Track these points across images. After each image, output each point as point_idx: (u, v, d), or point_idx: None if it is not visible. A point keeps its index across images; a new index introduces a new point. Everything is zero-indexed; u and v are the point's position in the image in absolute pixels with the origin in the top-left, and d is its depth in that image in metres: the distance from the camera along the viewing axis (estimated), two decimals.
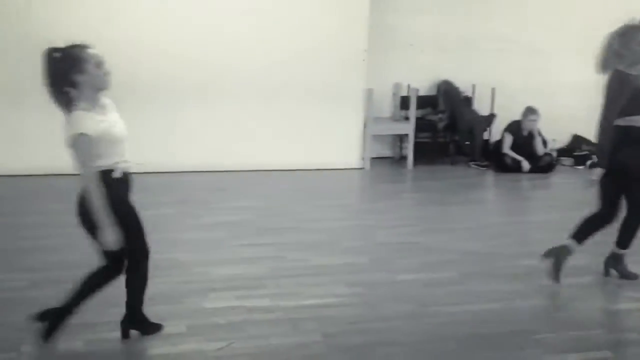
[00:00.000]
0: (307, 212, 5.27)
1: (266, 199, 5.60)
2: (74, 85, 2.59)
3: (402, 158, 7.11)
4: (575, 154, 7.25)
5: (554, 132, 7.28)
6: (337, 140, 6.63)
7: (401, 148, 7.23)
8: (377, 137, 7.04)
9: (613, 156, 3.66)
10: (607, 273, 3.96)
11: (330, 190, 6.04)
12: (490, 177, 6.80)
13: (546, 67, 7.40)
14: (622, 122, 3.68)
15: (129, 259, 2.86)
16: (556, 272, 3.80)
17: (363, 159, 6.74)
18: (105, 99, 2.74)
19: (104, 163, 2.64)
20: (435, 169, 6.95)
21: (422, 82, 7.08)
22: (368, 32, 6.48)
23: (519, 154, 6.78)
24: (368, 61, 6.58)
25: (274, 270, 3.95)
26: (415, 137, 6.86)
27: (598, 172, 3.71)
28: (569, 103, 7.51)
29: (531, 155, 6.79)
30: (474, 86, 7.17)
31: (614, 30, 3.65)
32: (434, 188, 6.23)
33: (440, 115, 6.97)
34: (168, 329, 3.07)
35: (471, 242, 4.59)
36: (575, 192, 6.31)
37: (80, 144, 2.55)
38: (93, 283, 2.85)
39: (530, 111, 6.75)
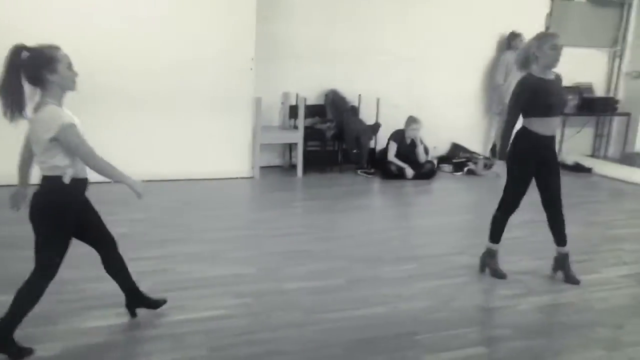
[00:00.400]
0: (196, 223, 5.15)
1: (155, 210, 5.41)
2: (43, 84, 2.66)
3: (292, 166, 7.17)
4: (454, 161, 7.67)
5: (435, 140, 7.67)
6: (226, 149, 6.56)
7: (291, 157, 7.29)
8: (267, 146, 7.05)
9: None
10: (555, 270, 4.30)
11: (220, 200, 5.96)
12: (376, 184, 7.02)
13: (427, 79, 7.78)
14: (524, 123, 3.97)
15: (37, 265, 2.82)
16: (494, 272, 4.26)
17: (253, 167, 6.72)
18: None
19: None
20: (324, 177, 7.07)
21: (311, 92, 7.19)
22: (256, 41, 6.48)
23: (402, 161, 7.06)
24: (257, 70, 6.58)
25: (159, 284, 3.81)
26: (304, 145, 6.94)
27: (498, 163, 4.03)
28: (448, 113, 7.96)
29: (414, 163, 7.09)
30: (360, 96, 7.38)
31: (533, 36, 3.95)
32: (323, 196, 6.33)
33: (328, 124, 7.10)
34: (40, 352, 2.87)
35: (358, 249, 4.70)
36: (454, 197, 6.69)
37: (73, 132, 2.68)
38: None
39: (412, 120, 7.05)
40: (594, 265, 4.58)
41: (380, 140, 7.41)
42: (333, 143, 7.29)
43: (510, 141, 3.99)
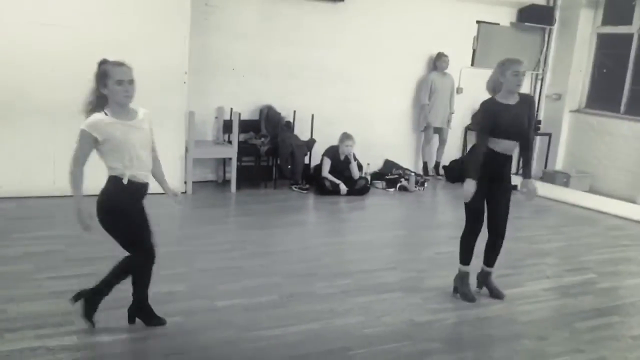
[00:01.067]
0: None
1: (76, 227, 5.19)
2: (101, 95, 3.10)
3: (226, 182, 7.09)
4: (387, 177, 7.79)
5: (368, 157, 7.78)
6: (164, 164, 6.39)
7: (224, 172, 7.20)
8: (200, 161, 6.94)
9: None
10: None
11: (150, 216, 5.77)
12: (310, 199, 7.04)
13: (361, 96, 7.90)
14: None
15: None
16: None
17: (185, 183, 6.58)
18: (140, 110, 3.25)
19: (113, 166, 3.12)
20: (259, 193, 7.02)
21: (245, 106, 7.15)
22: (190, 54, 6.39)
23: (336, 177, 7.11)
24: (190, 84, 6.47)
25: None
26: (239, 160, 6.87)
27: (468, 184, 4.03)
28: (381, 130, 8.12)
29: (348, 179, 7.16)
30: (294, 112, 7.40)
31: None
32: (257, 211, 6.28)
33: (262, 140, 7.08)
34: None
35: (292, 264, 4.68)
36: (387, 213, 6.80)
37: (80, 138, 3.04)
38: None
39: (346, 137, 7.13)
40: (519, 279, 4.75)
41: (315, 156, 7.45)
42: (267, 158, 7.26)
43: (468, 158, 4.17)
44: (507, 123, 3.95)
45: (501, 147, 4.04)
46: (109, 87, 3.05)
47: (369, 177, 7.64)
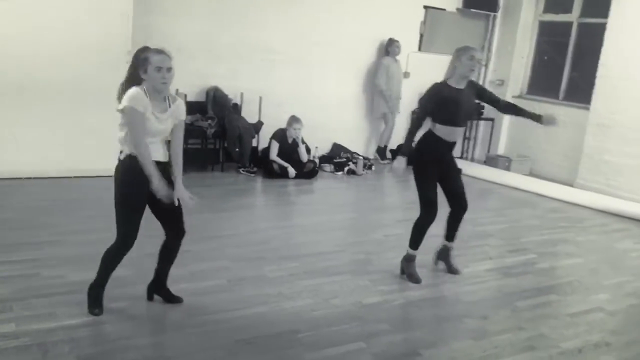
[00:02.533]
0: (69, 224, 4.83)
1: (23, 210, 5.01)
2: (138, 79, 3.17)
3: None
4: (335, 160, 7.82)
5: (317, 140, 7.78)
6: (102, 146, 6.18)
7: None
8: None
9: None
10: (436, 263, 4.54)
11: (97, 199, 5.59)
12: (259, 183, 6.99)
13: (311, 80, 7.87)
14: (431, 126, 4.17)
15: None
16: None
17: None
18: (173, 102, 3.33)
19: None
20: (205, 176, 6.91)
21: (191, 88, 7.00)
22: (133, 33, 6.18)
23: (285, 160, 7.08)
24: None
25: (24, 290, 3.53)
26: (184, 143, 6.68)
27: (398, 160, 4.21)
28: (330, 113, 8.12)
29: (296, 162, 7.14)
30: (242, 94, 7.31)
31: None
32: (204, 195, 6.15)
33: (209, 122, 6.95)
34: None
35: (240, 248, 4.64)
36: (335, 196, 6.83)
37: (128, 116, 3.11)
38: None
39: (294, 120, 7.09)
40: (463, 260, 4.86)
41: (263, 139, 7.39)
42: (214, 141, 7.15)
43: (415, 143, 4.20)
44: (455, 107, 4.02)
45: (448, 133, 4.11)
46: (149, 73, 3.12)
47: (317, 161, 7.64)
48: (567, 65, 8.61)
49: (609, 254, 5.40)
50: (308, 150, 7.45)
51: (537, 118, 4.27)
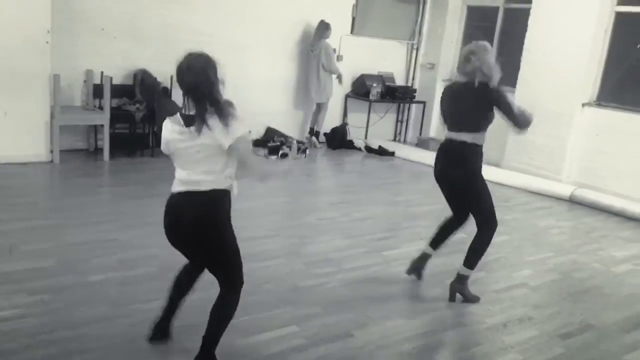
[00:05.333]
0: None
1: None
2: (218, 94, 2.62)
3: (98, 150, 6.67)
4: (269, 144, 7.74)
5: (250, 124, 7.65)
6: (19, 130, 5.89)
7: (96, 140, 6.78)
8: (68, 128, 6.46)
9: (454, 168, 3.77)
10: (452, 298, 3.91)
11: (12, 187, 5.33)
12: None
13: (242, 63, 7.72)
14: (468, 138, 3.69)
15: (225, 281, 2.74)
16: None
17: (52, 151, 6.12)
18: None
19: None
20: (134, 162, 6.69)
21: (117, 70, 6.73)
22: (52, 11, 5.87)
23: None
24: (55, 45, 5.98)
25: None
26: (112, 127, 6.49)
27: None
28: (263, 97, 8.02)
29: None
30: (172, 77, 7.08)
31: (478, 44, 3.71)
32: (132, 181, 5.99)
33: (137, 106, 6.72)
34: None
35: None
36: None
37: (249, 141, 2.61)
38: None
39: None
40: (396, 241, 4.95)
41: None
42: (143, 125, 6.92)
43: (458, 155, 3.76)
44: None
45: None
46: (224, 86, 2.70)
47: None
48: (494, 49, 8.81)
49: (532, 232, 5.63)
50: None
51: None
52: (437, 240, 4.10)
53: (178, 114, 2.60)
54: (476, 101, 3.63)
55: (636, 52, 7.41)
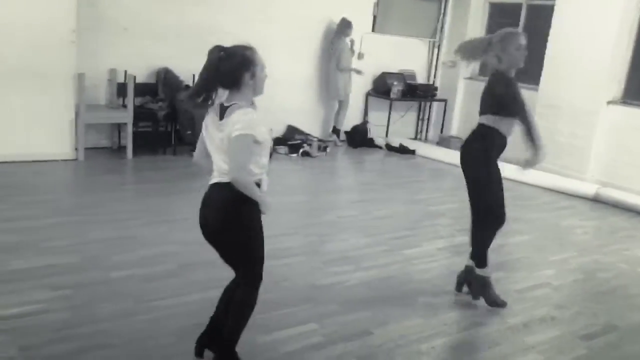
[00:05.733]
0: (6, 211, 4.64)
1: None
2: (238, 85, 2.54)
3: (121, 148, 6.75)
4: (290, 143, 7.77)
5: (271, 122, 7.69)
6: (45, 129, 5.99)
7: (120, 138, 6.86)
8: (93, 126, 6.55)
9: (466, 145, 3.73)
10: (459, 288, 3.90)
11: (37, 185, 5.42)
12: None
13: (264, 61, 7.74)
14: (487, 120, 3.60)
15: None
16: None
17: (76, 149, 6.21)
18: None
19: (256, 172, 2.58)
20: (157, 159, 6.76)
21: (140, 69, 6.81)
22: (78, 11, 5.96)
23: None
24: (79, 44, 6.07)
25: None
26: (135, 126, 6.57)
27: None
28: (284, 95, 8.01)
29: None
30: (194, 76, 7.13)
31: (493, 34, 3.64)
32: (155, 179, 6.05)
33: (160, 104, 6.79)
34: None
35: (191, 233, 4.45)
36: (289, 179, 6.78)
37: (248, 144, 2.46)
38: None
39: None
40: (416, 240, 4.92)
41: None
42: (165, 124, 6.99)
43: (469, 140, 3.72)
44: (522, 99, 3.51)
45: (510, 128, 3.60)
46: (258, 75, 2.58)
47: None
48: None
49: (555, 231, 5.55)
50: None
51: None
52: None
53: (219, 104, 2.60)
54: (489, 85, 3.62)
55: None
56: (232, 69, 2.54)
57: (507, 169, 3.80)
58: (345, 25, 8.05)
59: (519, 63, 3.57)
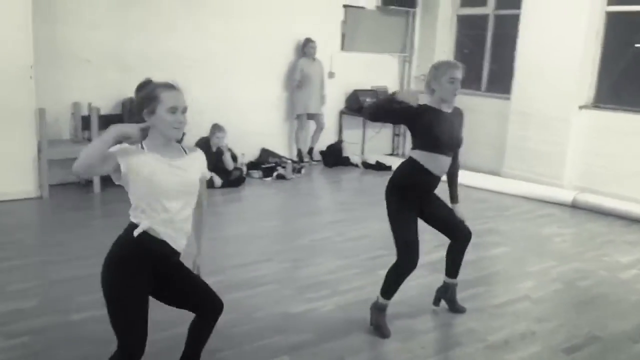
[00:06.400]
0: None
1: None
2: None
3: (89, 183, 6.57)
4: (263, 166, 7.64)
5: (244, 146, 7.59)
6: (6, 167, 5.81)
7: None
8: (58, 162, 6.36)
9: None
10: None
11: (0, 226, 5.23)
12: None
13: (230, 85, 7.66)
14: (414, 154, 3.50)
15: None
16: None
17: (40, 186, 6.03)
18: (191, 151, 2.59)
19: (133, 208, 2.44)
20: (124, 191, 6.56)
21: (105, 101, 6.67)
22: (35, 45, 5.83)
23: (210, 170, 6.82)
24: (39, 79, 5.93)
25: None
26: None
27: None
28: (255, 118, 7.94)
29: (222, 171, 6.93)
30: None
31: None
32: (123, 212, 5.73)
33: None
34: None
35: None
36: (263, 204, 6.65)
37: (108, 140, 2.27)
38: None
39: (216, 128, 6.88)
40: (392, 259, 4.74)
41: None
42: None
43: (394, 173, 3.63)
44: (444, 133, 3.41)
45: (436, 165, 3.47)
46: (158, 114, 2.37)
47: (244, 168, 7.45)
48: (487, 57, 8.76)
49: (534, 241, 5.47)
50: (235, 157, 7.26)
51: (453, 200, 3.81)
52: (448, 266, 3.83)
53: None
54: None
55: (630, 51, 7.30)
56: (136, 105, 2.47)
57: (481, 179, 3.71)
58: (303, 45, 8.05)
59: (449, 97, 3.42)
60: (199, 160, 2.62)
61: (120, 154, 2.34)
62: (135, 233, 2.44)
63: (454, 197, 3.79)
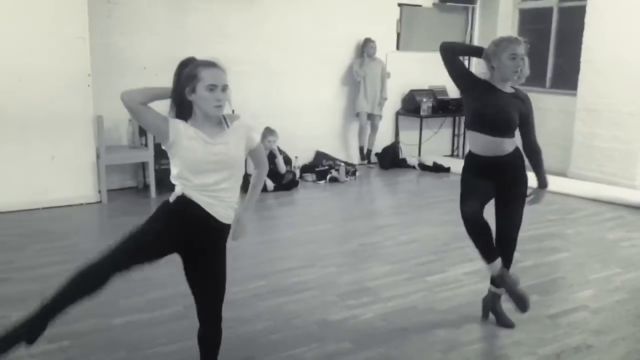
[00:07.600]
0: (22, 259, 4.62)
1: None
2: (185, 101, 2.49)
3: (146, 187, 6.74)
4: (317, 169, 7.58)
5: (297, 149, 7.56)
6: (66, 173, 6.02)
7: (144, 177, 6.86)
8: (116, 167, 6.58)
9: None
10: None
11: (57, 231, 5.42)
12: None
13: (286, 88, 7.66)
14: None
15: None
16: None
17: (99, 192, 6.22)
18: (232, 118, 2.57)
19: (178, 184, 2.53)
20: None
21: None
22: (93, 54, 6.03)
23: None
24: (97, 87, 6.12)
25: None
26: (157, 164, 6.54)
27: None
28: (309, 121, 7.90)
29: (275, 174, 6.92)
30: None
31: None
32: None
33: None
34: None
35: None
36: (315, 207, 6.58)
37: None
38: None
39: (268, 132, 6.88)
40: (442, 264, 4.61)
41: None
42: None
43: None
44: (490, 112, 3.23)
45: (478, 145, 3.32)
46: (198, 93, 2.44)
47: (297, 171, 7.42)
48: (551, 51, 8.34)
49: (599, 246, 5.12)
50: (288, 161, 7.24)
51: (539, 184, 3.53)
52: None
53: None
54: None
55: None
56: (177, 83, 2.56)
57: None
58: (363, 44, 7.95)
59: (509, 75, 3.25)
60: (241, 129, 2.58)
61: (172, 122, 2.49)
62: (171, 199, 2.59)
63: (538, 181, 3.51)
